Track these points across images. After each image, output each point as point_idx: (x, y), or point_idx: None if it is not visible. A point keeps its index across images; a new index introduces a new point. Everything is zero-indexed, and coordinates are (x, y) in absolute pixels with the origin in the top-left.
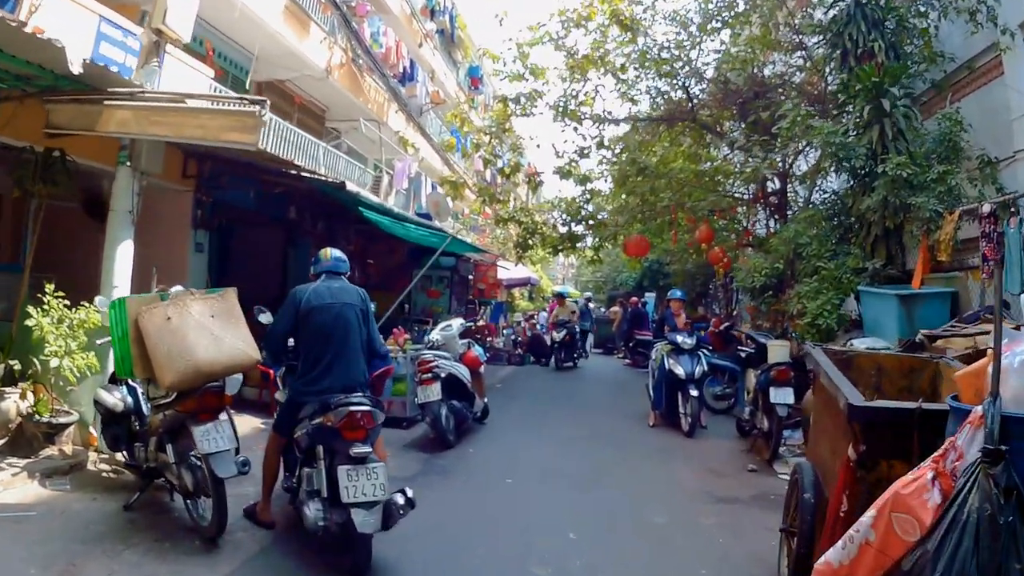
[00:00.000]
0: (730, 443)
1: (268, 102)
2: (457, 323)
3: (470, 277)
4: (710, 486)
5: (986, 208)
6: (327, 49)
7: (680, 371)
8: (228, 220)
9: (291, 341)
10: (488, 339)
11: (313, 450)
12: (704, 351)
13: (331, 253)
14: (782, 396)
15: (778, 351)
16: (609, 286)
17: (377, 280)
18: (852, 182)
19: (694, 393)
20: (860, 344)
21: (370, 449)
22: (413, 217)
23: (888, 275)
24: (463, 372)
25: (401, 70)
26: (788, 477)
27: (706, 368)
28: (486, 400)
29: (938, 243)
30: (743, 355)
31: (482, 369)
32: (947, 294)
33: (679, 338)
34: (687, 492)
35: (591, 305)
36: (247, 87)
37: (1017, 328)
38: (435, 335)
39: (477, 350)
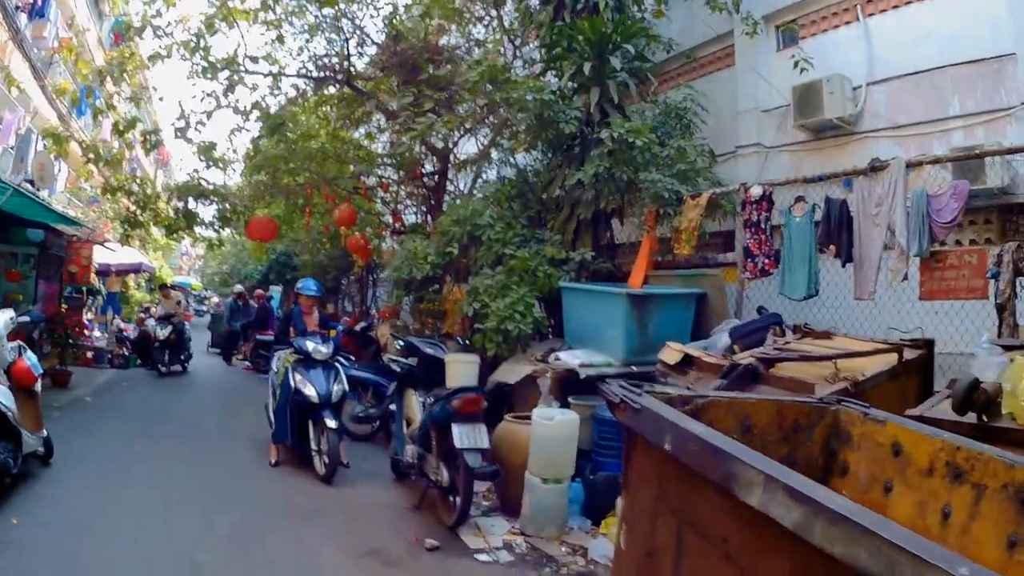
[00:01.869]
0: (387, 493)
1: None
2: (5, 318)
3: (64, 256)
4: None
5: (756, 190)
6: None
7: (312, 392)
8: None
9: None
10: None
11: None
12: (341, 360)
13: None
14: (473, 438)
15: (464, 370)
16: (236, 279)
17: None
18: (553, 155)
19: (332, 424)
20: (569, 357)
21: None
22: None
23: (598, 269)
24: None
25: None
26: (489, 558)
27: (346, 387)
28: (46, 433)
29: (677, 233)
30: (399, 369)
31: (38, 387)
32: (691, 296)
33: (310, 344)
34: None
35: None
36: None
37: None
38: None
39: (30, 360)
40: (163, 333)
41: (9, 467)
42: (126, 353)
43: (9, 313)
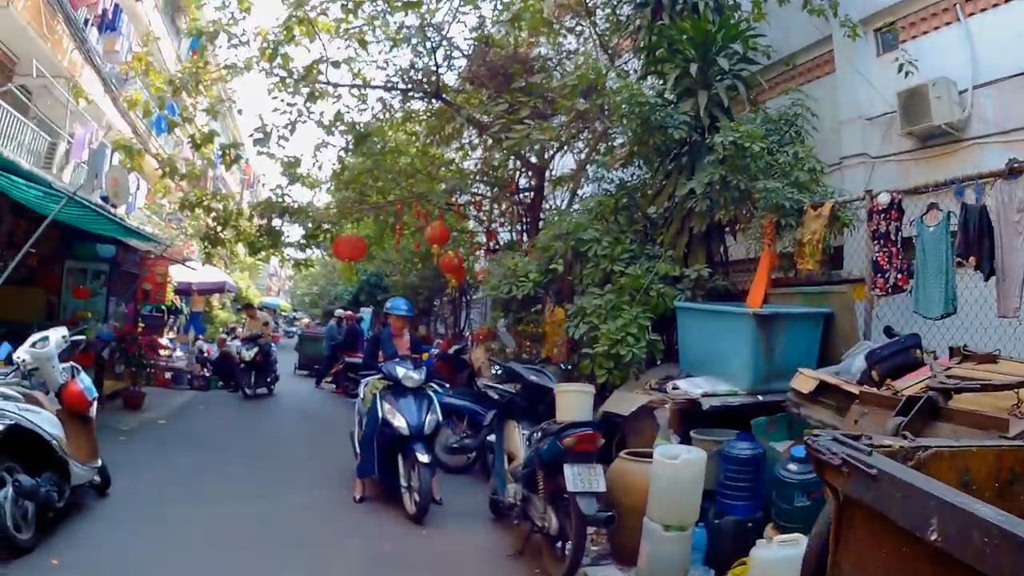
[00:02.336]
0: (485, 537)
1: None
2: (57, 336)
3: (138, 274)
4: None
5: (884, 198)
6: None
7: (402, 423)
8: None
9: None
10: (154, 357)
11: None
12: (435, 387)
13: None
14: (587, 480)
15: (577, 402)
16: (325, 301)
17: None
18: (659, 164)
19: (424, 459)
20: (689, 386)
21: None
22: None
23: (714, 287)
24: (44, 421)
25: (100, 12)
26: None
27: (440, 417)
28: (100, 462)
29: (800, 246)
30: (497, 397)
31: (92, 411)
32: (819, 316)
33: (400, 370)
34: None
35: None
36: None
37: None
38: (22, 353)
39: (83, 382)
40: (248, 354)
41: (53, 501)
42: (207, 374)
43: (62, 331)
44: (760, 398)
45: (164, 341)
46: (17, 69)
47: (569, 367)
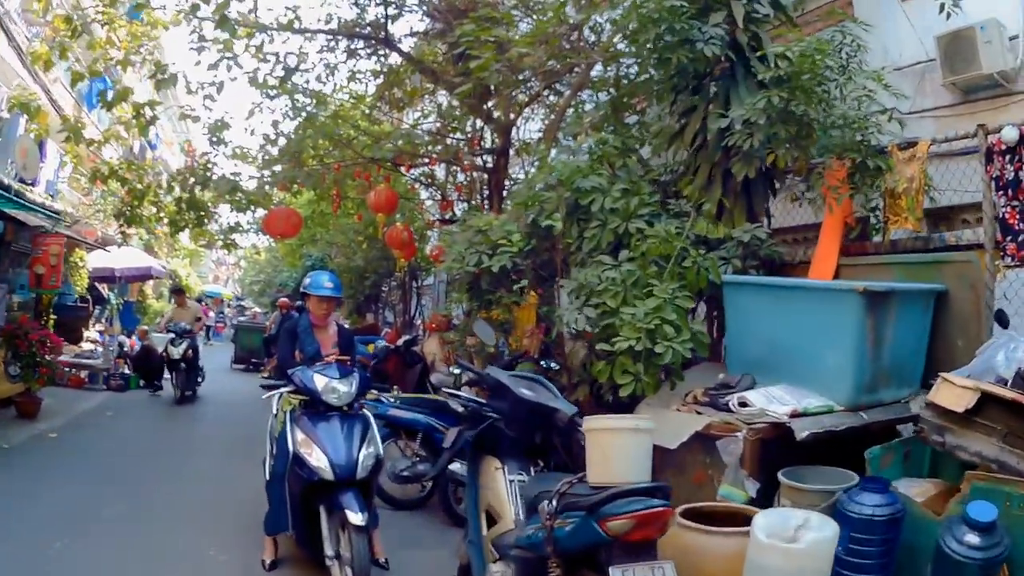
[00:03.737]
0: None
1: None
2: None
3: (32, 255)
4: None
5: (1010, 133)
6: None
7: (322, 463)
8: None
9: None
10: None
11: None
12: (375, 401)
13: None
14: None
15: (624, 448)
16: (272, 289)
17: None
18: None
19: (357, 520)
20: (762, 400)
21: None
22: None
23: (769, 255)
24: None
25: None
26: None
27: (380, 451)
28: None
29: (892, 199)
30: (461, 408)
31: None
32: (930, 295)
33: (319, 380)
34: None
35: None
36: None
37: None
38: None
39: None
40: (176, 351)
41: None
42: (127, 372)
43: None
44: (864, 416)
45: (93, 334)
46: None
47: (546, 364)
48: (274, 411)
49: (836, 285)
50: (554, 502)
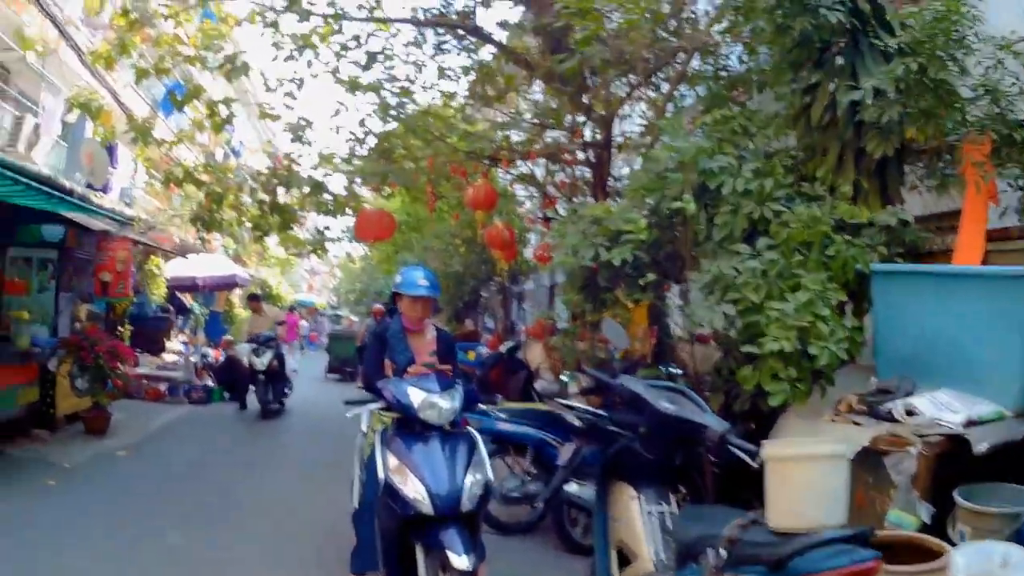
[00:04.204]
0: None
1: None
2: None
3: (97, 262)
4: None
5: None
6: None
7: (420, 494)
8: None
9: None
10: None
11: None
12: (481, 415)
13: None
14: None
15: (820, 483)
16: (368, 297)
17: None
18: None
19: (462, 564)
20: (931, 407)
21: None
22: None
23: (914, 241)
24: None
25: None
26: None
27: (490, 476)
28: None
29: None
30: (578, 422)
31: None
32: None
33: (415, 395)
34: None
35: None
36: None
37: None
38: None
39: None
40: (261, 361)
41: None
42: (210, 384)
43: None
44: None
45: (176, 345)
46: None
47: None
48: (363, 429)
49: (1014, 271)
50: (722, 551)
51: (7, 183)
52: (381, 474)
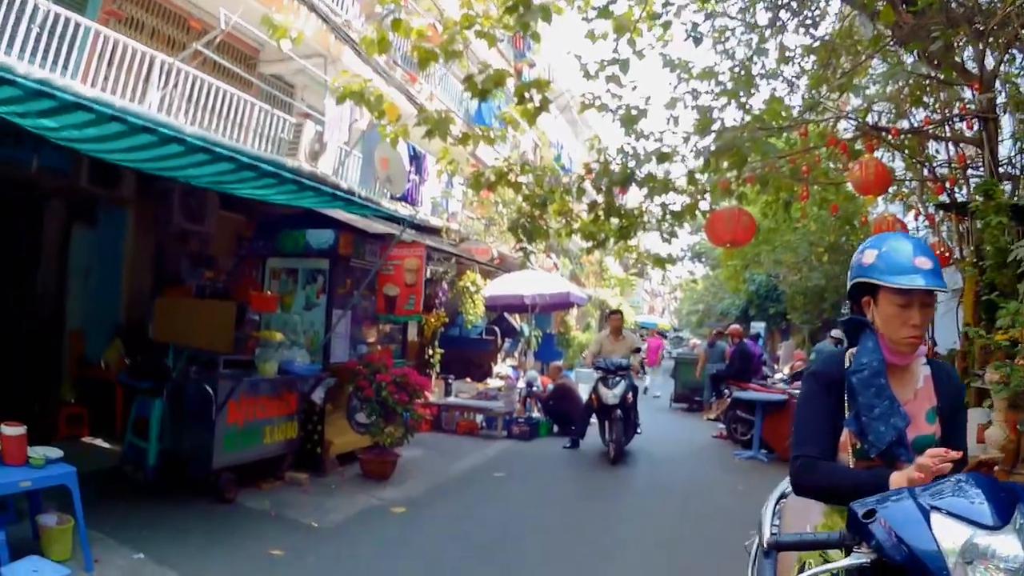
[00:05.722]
0: None
1: None
2: None
3: (381, 272)
4: None
5: None
6: None
7: None
8: None
9: None
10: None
11: None
12: None
13: None
14: None
15: None
16: (712, 319)
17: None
18: None
19: None
20: None
21: None
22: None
23: None
24: None
25: None
26: None
27: None
28: None
29: None
30: None
31: None
32: None
33: (951, 533)
34: None
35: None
36: None
37: None
38: None
39: None
40: (613, 394)
41: None
42: (535, 416)
43: None
44: None
45: (505, 370)
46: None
47: None
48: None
49: None
50: None
51: (260, 179)
52: None
